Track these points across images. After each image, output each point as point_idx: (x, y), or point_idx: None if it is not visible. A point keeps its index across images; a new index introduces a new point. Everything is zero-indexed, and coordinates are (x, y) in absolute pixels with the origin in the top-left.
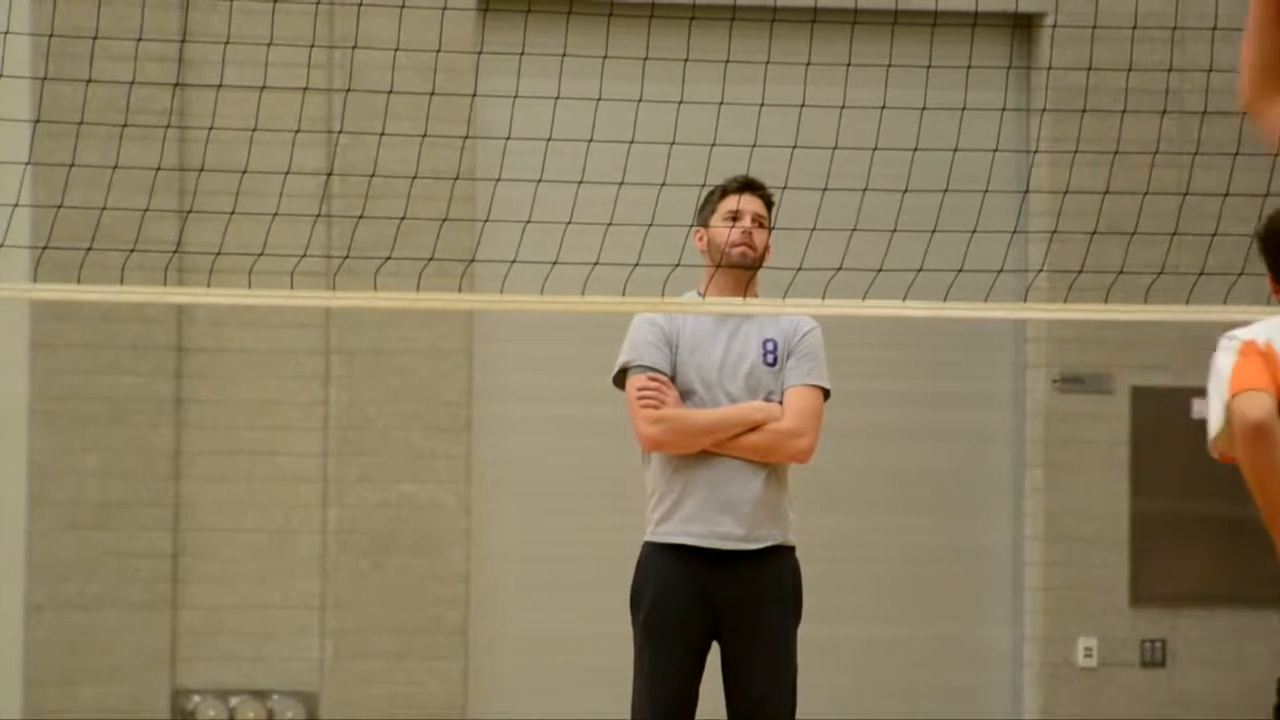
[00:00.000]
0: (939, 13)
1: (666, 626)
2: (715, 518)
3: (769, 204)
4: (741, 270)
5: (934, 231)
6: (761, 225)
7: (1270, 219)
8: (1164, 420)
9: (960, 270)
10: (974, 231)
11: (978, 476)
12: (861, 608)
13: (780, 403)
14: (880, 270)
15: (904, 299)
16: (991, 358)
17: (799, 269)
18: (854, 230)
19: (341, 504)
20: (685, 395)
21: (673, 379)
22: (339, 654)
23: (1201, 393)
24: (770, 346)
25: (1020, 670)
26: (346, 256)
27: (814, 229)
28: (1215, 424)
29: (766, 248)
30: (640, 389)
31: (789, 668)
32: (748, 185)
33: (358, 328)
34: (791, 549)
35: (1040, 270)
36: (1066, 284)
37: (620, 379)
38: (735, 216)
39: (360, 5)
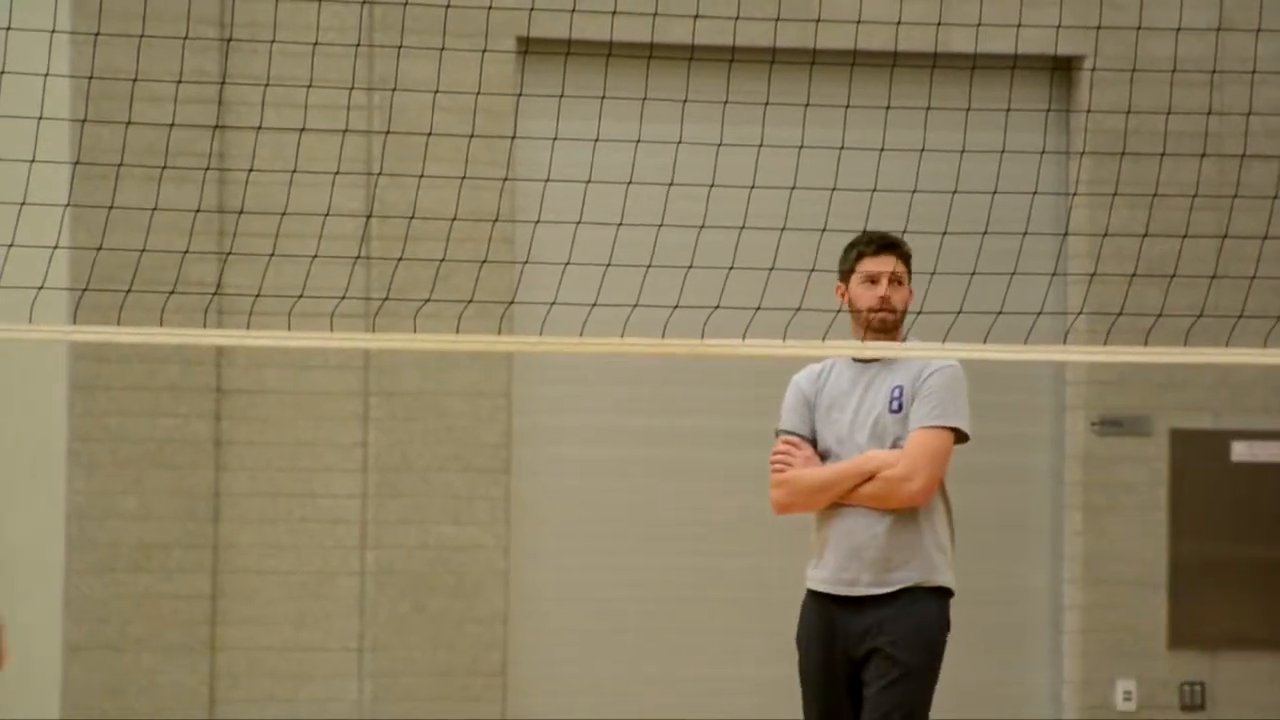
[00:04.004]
0: (978, 55)
1: (810, 671)
2: (845, 564)
3: (906, 259)
4: (880, 333)
5: (973, 273)
6: (900, 283)
7: None
8: (1203, 463)
9: (1000, 312)
10: (1013, 273)
11: (1017, 519)
12: None
13: None
14: (920, 312)
15: (944, 341)
16: (1031, 400)
17: (838, 311)
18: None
19: (380, 545)
20: (824, 455)
21: (814, 441)
22: (377, 696)
23: (1240, 435)
24: (897, 393)
25: (1060, 713)
26: (386, 298)
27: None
28: None
29: (909, 297)
30: (773, 454)
31: (901, 701)
32: (884, 246)
33: (397, 370)
34: (933, 590)
35: (1080, 313)
36: (1106, 326)
37: None
38: (873, 280)
39: (400, 47)
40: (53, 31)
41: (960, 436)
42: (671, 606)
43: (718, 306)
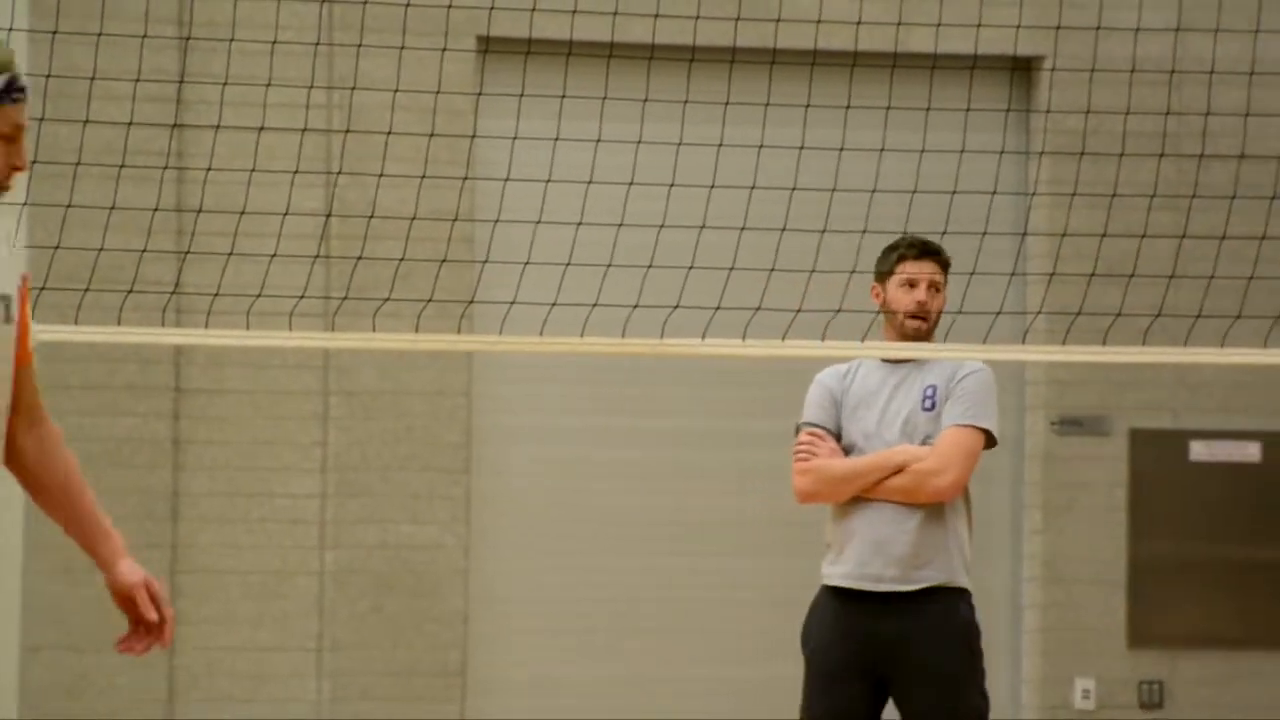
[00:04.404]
0: (938, 55)
1: (826, 670)
2: (870, 560)
3: (946, 266)
4: (914, 337)
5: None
6: (938, 289)
7: None
8: (1162, 462)
9: (959, 312)
10: (973, 273)
11: (977, 518)
12: None
13: None
14: (879, 312)
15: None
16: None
17: (798, 311)
18: (853, 272)
19: (339, 545)
20: (848, 450)
21: (839, 437)
22: (336, 696)
23: (1199, 435)
24: (930, 392)
25: (1019, 712)
26: (345, 297)
27: (813, 271)
28: None
29: (943, 304)
30: (797, 444)
31: (956, 707)
32: (926, 251)
33: (356, 369)
34: (957, 591)
35: (1039, 312)
36: (1065, 326)
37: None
38: (911, 284)
39: (360, 46)
40: (10, 29)
41: (989, 440)
42: (632, 606)
43: (677, 306)
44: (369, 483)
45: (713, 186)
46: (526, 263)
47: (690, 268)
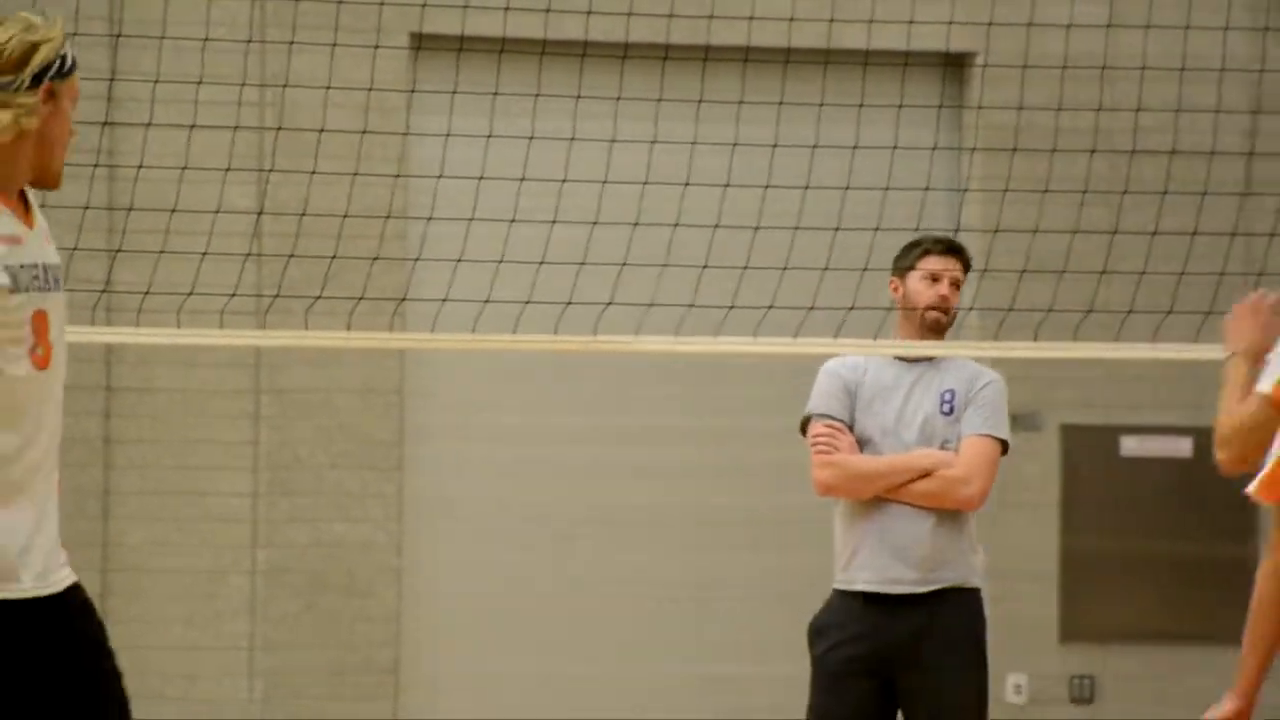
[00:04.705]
0: (870, 52)
1: (836, 667)
2: (887, 563)
3: (967, 266)
4: (933, 331)
5: (865, 269)
6: (958, 287)
7: None
8: (1094, 458)
9: (891, 308)
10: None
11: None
12: (792, 645)
13: (956, 451)
14: (812, 308)
15: (835, 336)
16: None
17: (731, 307)
18: (786, 268)
19: (271, 544)
20: (862, 444)
21: (851, 428)
22: (269, 695)
23: (1130, 430)
24: (948, 396)
25: None
26: (277, 295)
27: (746, 267)
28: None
29: (956, 308)
30: (816, 436)
31: (965, 709)
32: (951, 249)
33: (288, 367)
34: (971, 591)
35: (971, 308)
36: (997, 322)
37: (805, 428)
38: (934, 278)
39: (292, 44)
40: None
41: (1004, 450)
42: (564, 603)
43: (610, 303)
44: (301, 481)
45: (646, 183)
46: (459, 260)
47: (624, 264)
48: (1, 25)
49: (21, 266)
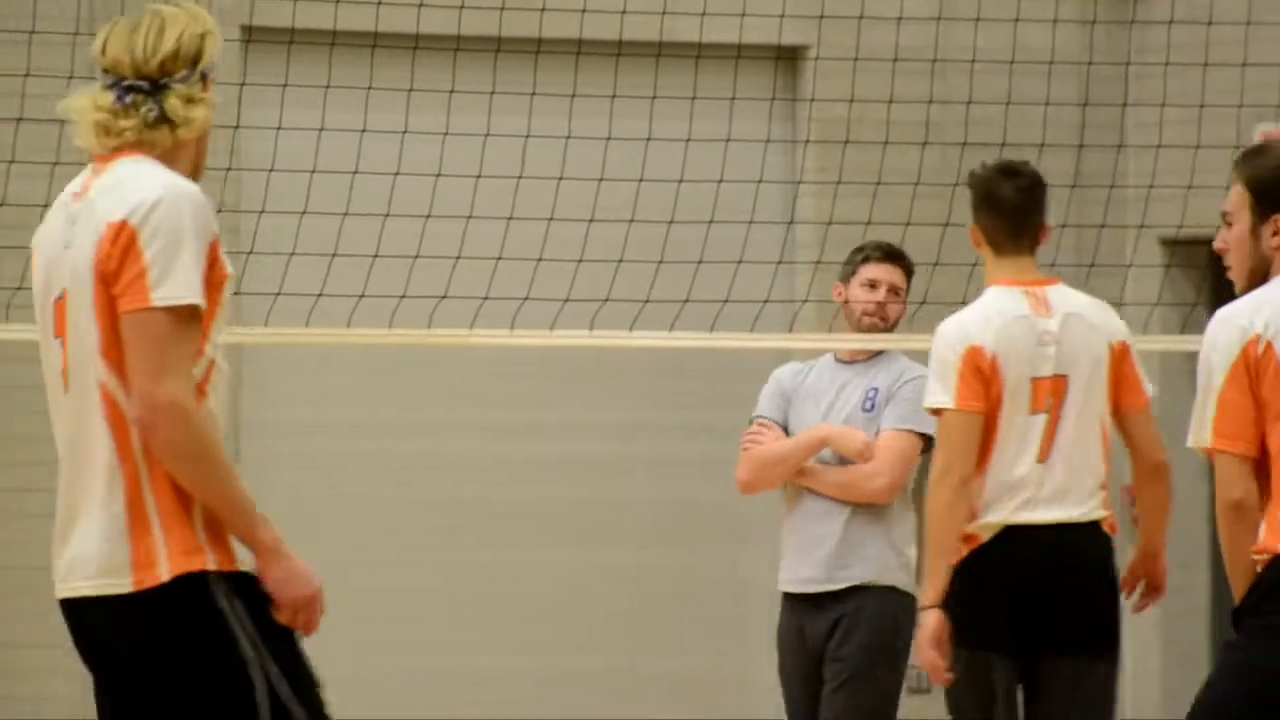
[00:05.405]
0: (703, 45)
1: (784, 673)
2: (797, 564)
3: (908, 273)
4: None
5: (700, 262)
6: (897, 294)
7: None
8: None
9: (727, 300)
10: (740, 262)
11: (742, 508)
12: (639, 638)
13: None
14: (648, 301)
15: (671, 329)
16: (758, 389)
17: (566, 300)
18: (620, 261)
19: None
20: None
21: (786, 431)
22: (90, 694)
23: None
24: (871, 394)
25: None
26: None
27: (581, 260)
28: (1201, 434)
29: (902, 311)
30: (744, 436)
31: (863, 713)
32: (889, 255)
33: None
34: (885, 589)
35: (806, 300)
36: (832, 313)
37: None
38: (873, 285)
39: None
40: None
41: (927, 444)
42: (411, 600)
43: (444, 296)
44: None
45: (479, 177)
46: (293, 254)
47: (458, 258)
48: (163, 19)
49: None
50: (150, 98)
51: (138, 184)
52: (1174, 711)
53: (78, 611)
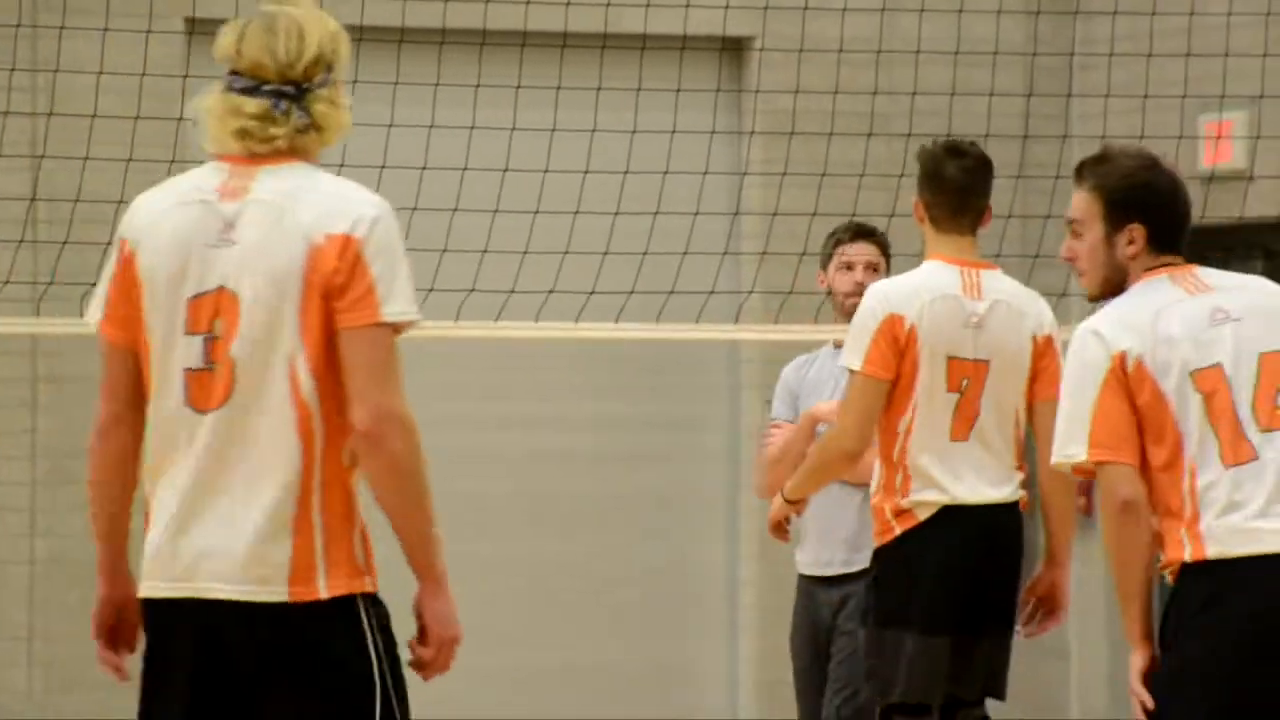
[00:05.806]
0: (648, 36)
1: (798, 653)
2: (818, 548)
3: (883, 248)
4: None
5: (645, 253)
6: (876, 270)
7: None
8: None
9: (672, 291)
10: (685, 253)
11: (693, 497)
12: (583, 630)
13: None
14: (593, 292)
15: (617, 320)
16: (705, 379)
17: (511, 292)
18: (566, 253)
19: (51, 534)
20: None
21: None
22: (49, 686)
23: None
24: None
25: (737, 688)
26: (52, 282)
27: (526, 251)
28: (1071, 450)
29: None
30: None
31: (856, 678)
32: (859, 233)
33: (66, 354)
34: None
35: (751, 291)
36: (778, 305)
37: None
38: (849, 266)
39: (63, 28)
40: None
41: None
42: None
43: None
44: (80, 470)
45: (424, 169)
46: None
47: (444, 251)
48: (300, 22)
49: None
50: (296, 104)
51: (347, 197)
52: (1121, 712)
53: (199, 612)
